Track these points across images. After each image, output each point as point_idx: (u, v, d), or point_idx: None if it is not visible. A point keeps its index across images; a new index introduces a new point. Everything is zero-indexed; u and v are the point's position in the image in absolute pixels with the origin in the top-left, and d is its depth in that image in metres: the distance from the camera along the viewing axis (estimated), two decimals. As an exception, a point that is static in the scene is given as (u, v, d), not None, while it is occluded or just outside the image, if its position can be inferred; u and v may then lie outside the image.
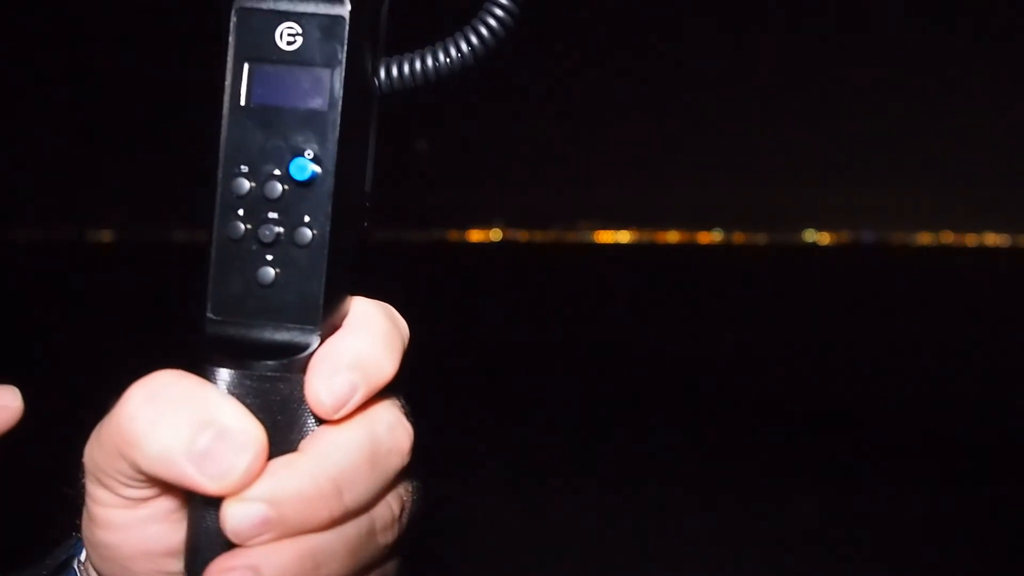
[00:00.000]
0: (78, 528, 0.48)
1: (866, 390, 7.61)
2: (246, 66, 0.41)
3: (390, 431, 0.43)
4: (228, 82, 0.41)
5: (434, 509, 0.49)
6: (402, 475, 0.44)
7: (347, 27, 0.41)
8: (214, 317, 0.42)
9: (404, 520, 0.45)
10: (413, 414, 0.45)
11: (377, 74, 0.45)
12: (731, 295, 20.00)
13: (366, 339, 0.42)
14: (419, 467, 0.46)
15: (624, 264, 42.03)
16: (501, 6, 0.45)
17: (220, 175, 0.42)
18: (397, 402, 0.45)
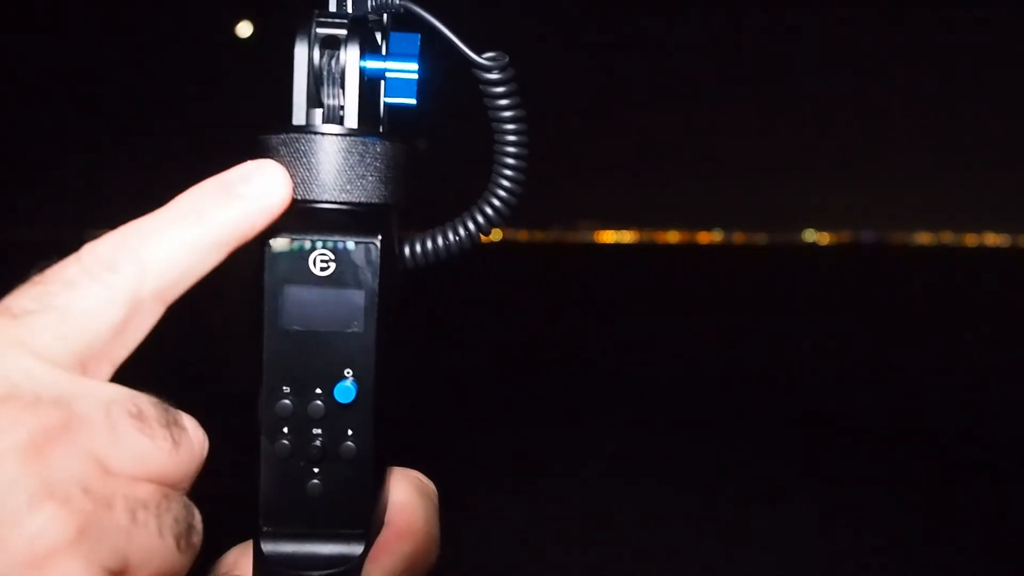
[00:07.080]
0: None
1: (866, 390, 7.61)
2: (283, 289, 0.42)
3: None
4: (266, 306, 0.42)
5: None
6: None
7: (379, 254, 0.42)
8: (266, 529, 0.44)
9: None
10: (414, 414, 0.49)
11: (400, 254, 0.47)
12: (731, 295, 20.00)
13: (412, 541, 0.45)
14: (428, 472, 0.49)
15: (624, 264, 42.02)
16: (505, 188, 0.49)
17: (264, 396, 0.43)
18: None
